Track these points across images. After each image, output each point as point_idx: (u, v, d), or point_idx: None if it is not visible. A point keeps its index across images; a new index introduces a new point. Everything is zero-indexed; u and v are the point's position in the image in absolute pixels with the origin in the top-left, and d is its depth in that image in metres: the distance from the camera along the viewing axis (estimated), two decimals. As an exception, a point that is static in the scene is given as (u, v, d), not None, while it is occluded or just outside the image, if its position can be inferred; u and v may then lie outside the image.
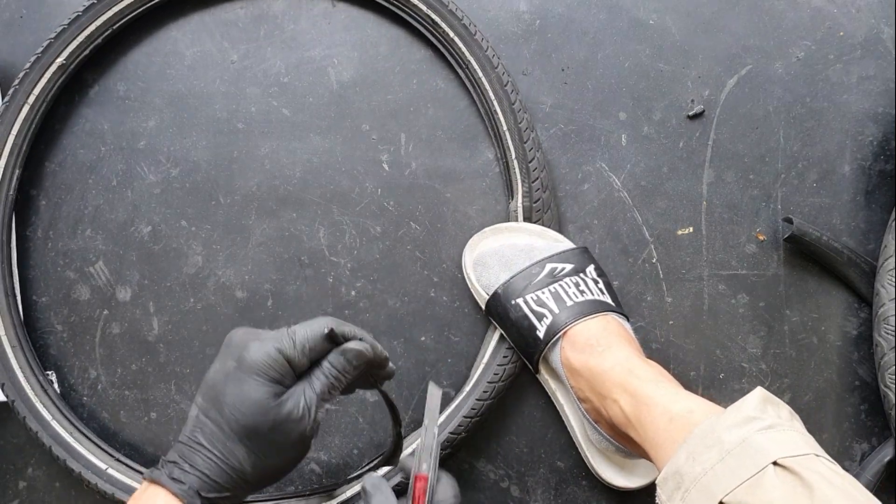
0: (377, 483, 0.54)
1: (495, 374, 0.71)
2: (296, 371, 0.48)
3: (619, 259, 0.76)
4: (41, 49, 0.75)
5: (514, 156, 0.73)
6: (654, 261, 0.76)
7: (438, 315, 0.76)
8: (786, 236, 0.74)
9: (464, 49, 0.74)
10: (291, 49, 0.79)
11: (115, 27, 0.76)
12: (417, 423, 0.75)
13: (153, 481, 0.46)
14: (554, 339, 0.66)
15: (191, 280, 0.77)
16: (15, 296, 0.75)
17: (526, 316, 0.68)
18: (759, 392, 0.53)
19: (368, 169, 0.77)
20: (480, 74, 0.74)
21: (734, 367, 0.75)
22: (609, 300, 0.69)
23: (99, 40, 0.76)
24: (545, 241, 0.72)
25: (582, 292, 0.68)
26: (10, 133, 0.74)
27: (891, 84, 0.77)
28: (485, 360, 0.72)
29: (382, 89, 0.78)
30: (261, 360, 0.46)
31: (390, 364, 0.54)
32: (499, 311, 0.70)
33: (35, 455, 0.77)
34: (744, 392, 0.74)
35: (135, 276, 0.77)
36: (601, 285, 0.69)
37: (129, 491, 0.70)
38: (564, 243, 0.73)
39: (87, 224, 0.78)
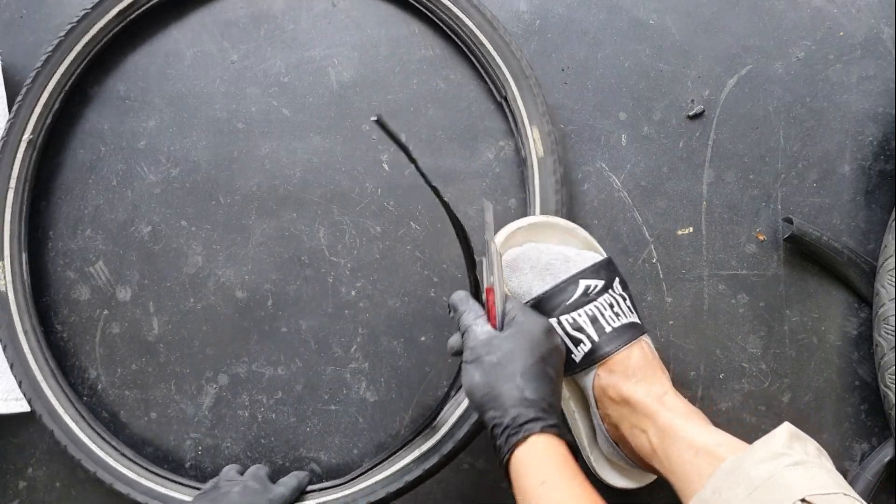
0: (462, 297, 0.63)
1: None
2: None
3: (620, 259, 0.76)
4: (40, 63, 0.75)
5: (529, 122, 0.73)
6: (654, 261, 0.76)
7: (438, 315, 0.76)
8: (786, 236, 0.74)
9: (481, 38, 0.74)
10: (291, 49, 0.79)
11: (113, 31, 0.76)
12: (420, 418, 0.75)
13: None
14: (591, 366, 0.65)
15: (191, 280, 0.77)
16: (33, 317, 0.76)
17: (561, 339, 0.66)
18: (786, 427, 0.53)
19: (368, 169, 0.77)
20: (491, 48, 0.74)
21: (734, 367, 0.75)
22: (638, 319, 0.68)
23: (97, 47, 0.76)
24: (576, 248, 0.70)
25: (617, 315, 0.66)
26: (16, 153, 0.75)
27: (891, 84, 0.77)
28: None
29: (382, 89, 0.78)
30: None
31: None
32: None
33: (35, 455, 0.77)
34: (744, 392, 0.75)
35: (135, 276, 0.77)
36: (629, 302, 0.68)
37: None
38: (593, 248, 0.71)
39: (87, 224, 0.78)
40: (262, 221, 0.77)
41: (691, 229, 0.77)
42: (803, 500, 0.46)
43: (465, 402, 0.69)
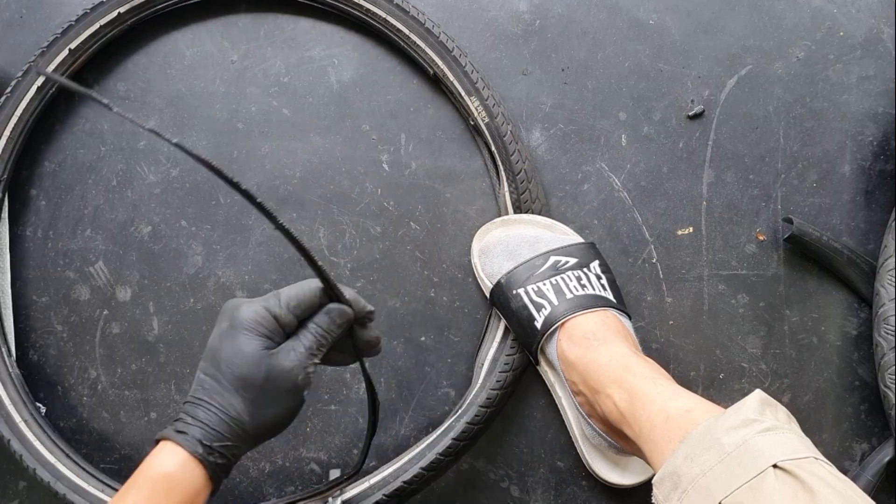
0: None
1: (506, 364, 0.72)
2: (284, 329, 0.51)
3: (619, 259, 0.76)
4: (39, 52, 0.75)
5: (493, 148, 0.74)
6: (654, 261, 0.76)
7: (438, 315, 0.76)
8: (786, 236, 0.74)
9: (410, 34, 0.75)
10: (291, 49, 0.79)
11: (112, 33, 0.76)
12: (420, 418, 0.75)
13: (162, 438, 0.49)
14: (551, 329, 0.67)
15: (191, 280, 0.77)
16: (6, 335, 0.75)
17: (526, 306, 0.68)
18: (757, 394, 0.53)
19: (368, 169, 0.77)
20: (449, 74, 0.74)
21: (734, 367, 0.75)
22: (610, 296, 0.69)
23: (97, 44, 0.76)
24: (553, 234, 0.72)
25: (583, 286, 0.68)
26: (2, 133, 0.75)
27: (891, 84, 0.77)
28: (492, 351, 0.72)
29: (382, 89, 0.78)
30: (250, 317, 0.49)
31: (375, 332, 0.55)
32: (501, 300, 0.70)
33: (35, 455, 0.77)
34: (744, 392, 0.74)
35: (135, 276, 0.77)
36: (604, 281, 0.70)
37: None
38: (572, 237, 0.73)
39: (87, 224, 0.78)
40: (262, 221, 0.77)
41: (691, 229, 0.77)
42: (775, 466, 0.46)
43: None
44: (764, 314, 0.75)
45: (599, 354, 0.63)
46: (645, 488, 0.71)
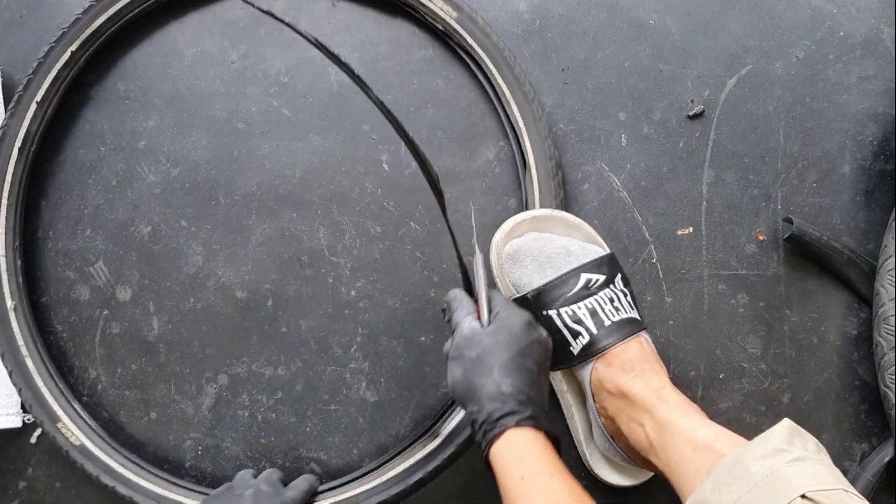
0: (457, 294, 0.65)
1: None
2: None
3: (620, 259, 0.76)
4: (31, 69, 0.75)
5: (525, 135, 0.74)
6: (654, 261, 0.76)
7: (438, 315, 0.76)
8: (786, 236, 0.74)
9: (465, 36, 0.75)
10: (291, 49, 0.79)
11: (112, 29, 0.76)
12: (420, 418, 0.75)
13: None
14: (589, 359, 0.65)
15: (191, 280, 0.77)
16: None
17: (559, 330, 0.66)
18: (786, 423, 0.53)
19: (368, 169, 0.77)
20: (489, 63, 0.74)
21: (734, 367, 0.75)
22: (638, 315, 0.68)
23: (96, 44, 0.76)
24: (579, 242, 0.70)
25: (617, 309, 0.66)
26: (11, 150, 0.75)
27: (891, 84, 0.77)
28: None
29: (382, 89, 0.78)
30: None
31: None
32: None
33: (35, 455, 0.77)
34: (744, 392, 0.75)
35: (135, 276, 0.77)
36: (629, 298, 0.68)
37: None
38: (596, 244, 0.71)
39: (87, 224, 0.78)
40: (262, 221, 0.77)
41: (691, 229, 0.77)
42: (804, 497, 0.46)
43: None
44: (764, 314, 0.75)
45: (635, 384, 0.63)
46: (645, 488, 0.71)
